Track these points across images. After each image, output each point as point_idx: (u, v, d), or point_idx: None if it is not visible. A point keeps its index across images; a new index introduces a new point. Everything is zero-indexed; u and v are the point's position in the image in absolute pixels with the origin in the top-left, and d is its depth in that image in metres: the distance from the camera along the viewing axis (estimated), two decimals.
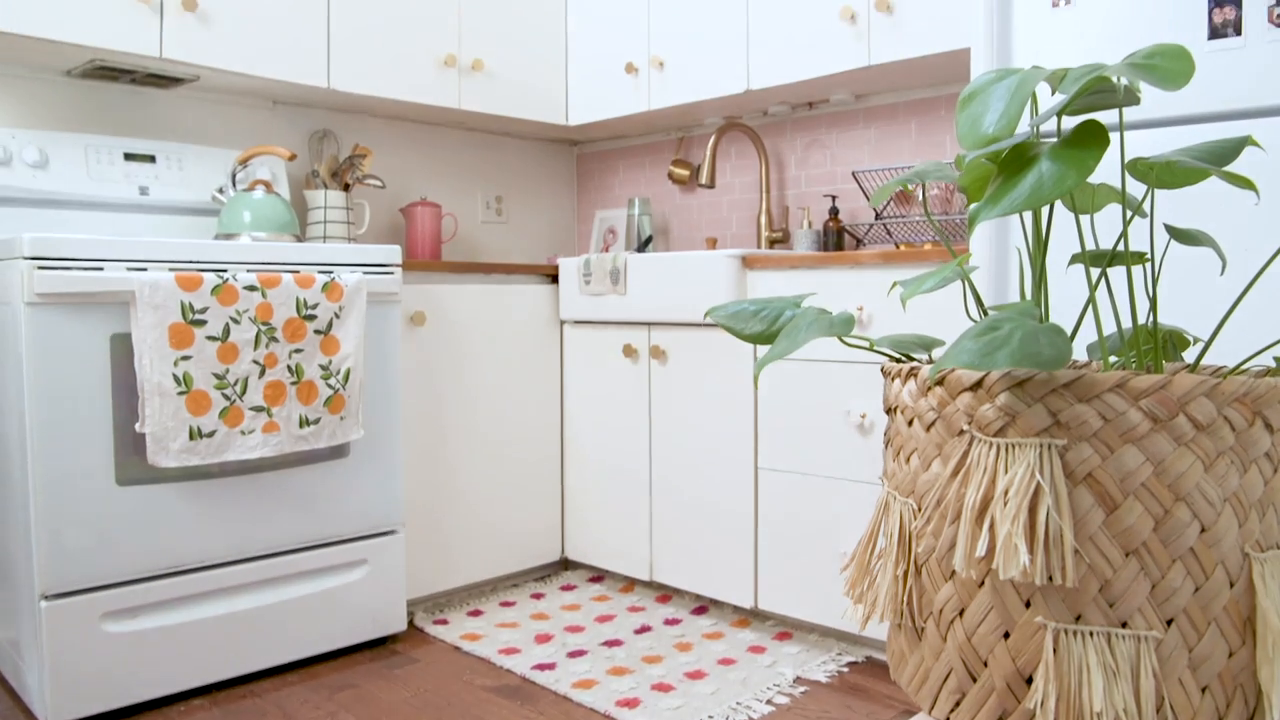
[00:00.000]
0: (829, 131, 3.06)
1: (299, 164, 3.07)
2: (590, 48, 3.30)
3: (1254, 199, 1.64)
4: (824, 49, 2.65)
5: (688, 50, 2.99)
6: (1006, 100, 0.74)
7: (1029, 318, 0.69)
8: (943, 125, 2.81)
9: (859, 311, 2.27)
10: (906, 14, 2.48)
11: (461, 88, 3.07)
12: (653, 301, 2.66)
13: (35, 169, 2.45)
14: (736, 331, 0.85)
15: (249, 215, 2.48)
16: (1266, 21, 1.63)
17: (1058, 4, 1.86)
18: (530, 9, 3.26)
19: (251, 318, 2.12)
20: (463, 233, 3.50)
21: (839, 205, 3.03)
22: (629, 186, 3.68)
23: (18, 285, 1.93)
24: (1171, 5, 1.72)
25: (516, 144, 3.68)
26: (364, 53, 2.83)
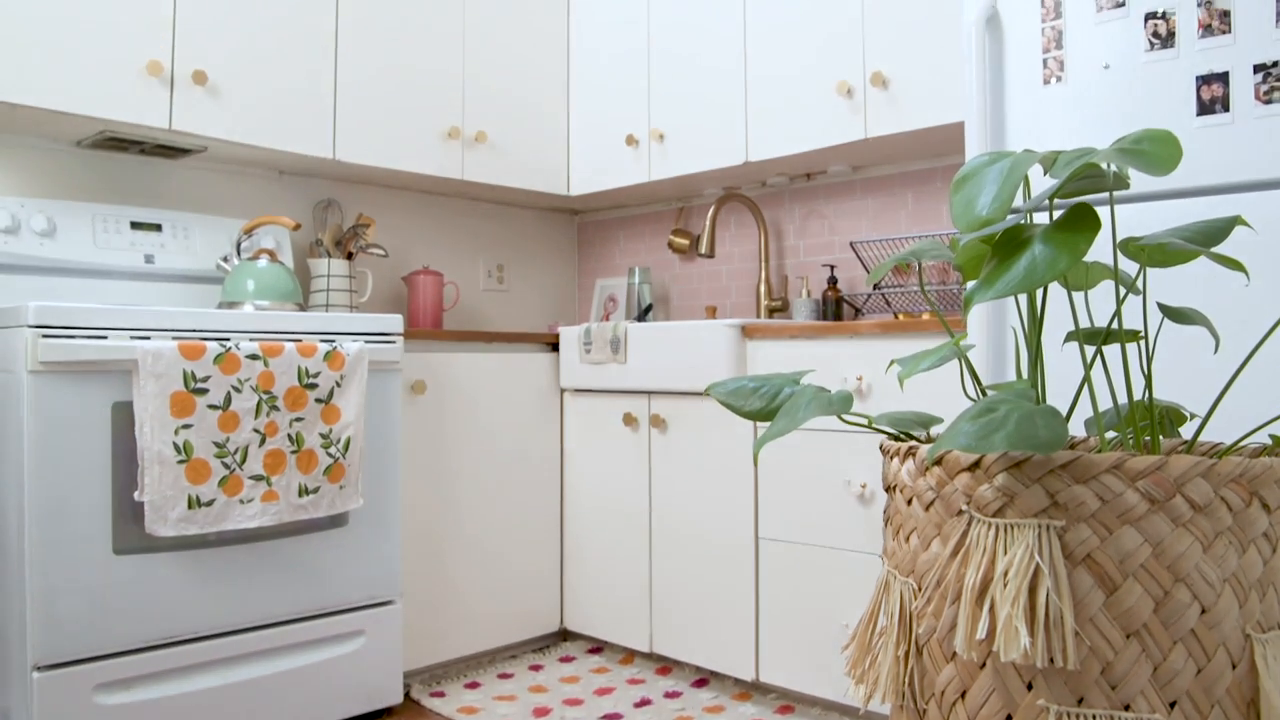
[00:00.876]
0: (827, 202, 3.11)
1: (303, 232, 3.10)
2: (592, 120, 3.36)
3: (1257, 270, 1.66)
4: (821, 122, 2.70)
5: (687, 123, 3.05)
6: (999, 183, 0.76)
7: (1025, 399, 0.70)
8: (939, 196, 2.85)
9: (858, 381, 2.28)
10: (901, 89, 2.53)
11: (465, 159, 3.12)
12: (653, 370, 2.67)
13: (43, 237, 2.48)
14: (736, 408, 0.85)
15: (252, 283, 2.51)
16: (1253, 99, 1.67)
17: (1049, 81, 1.90)
18: (533, 82, 3.33)
19: (253, 386, 2.13)
20: (464, 301, 3.53)
21: (837, 275, 3.06)
22: (629, 255, 3.72)
23: (21, 353, 1.94)
24: (1161, 82, 1.75)
25: (518, 213, 3.72)
26: (369, 124, 2.88)
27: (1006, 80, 1.95)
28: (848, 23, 2.65)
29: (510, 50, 3.27)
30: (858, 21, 2.62)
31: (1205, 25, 1.71)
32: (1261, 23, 1.65)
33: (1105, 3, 1.82)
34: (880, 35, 2.58)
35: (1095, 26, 1.83)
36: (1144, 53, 1.78)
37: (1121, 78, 1.80)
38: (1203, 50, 1.72)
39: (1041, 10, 1.90)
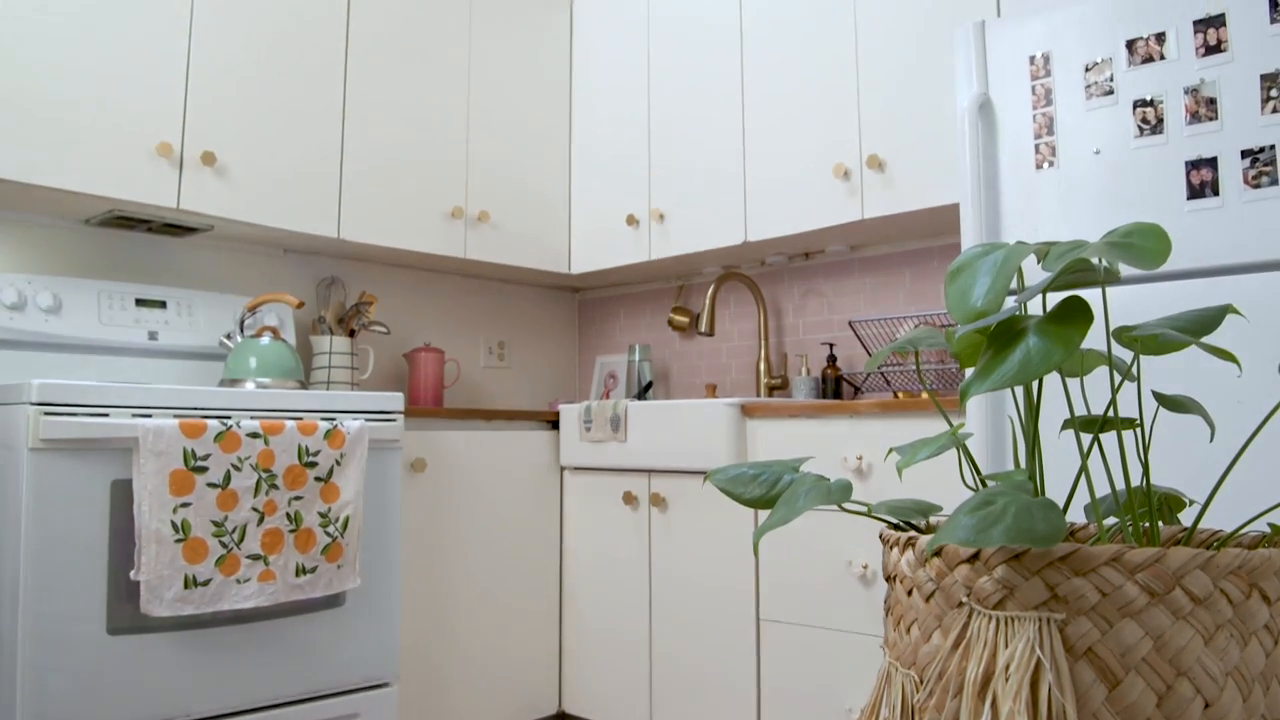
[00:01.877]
0: (825, 280, 3.14)
1: (306, 310, 3.13)
2: (593, 199, 3.41)
3: (1249, 352, 1.67)
4: (819, 203, 2.75)
5: (687, 203, 3.09)
6: (993, 275, 0.77)
7: (1023, 491, 0.70)
8: (936, 275, 2.88)
9: (859, 461, 2.27)
10: (897, 171, 2.58)
11: (467, 238, 3.17)
12: (653, 449, 2.67)
13: (48, 314, 2.50)
14: (736, 496, 0.86)
15: (255, 361, 2.52)
16: (1242, 184, 1.70)
17: (1041, 165, 1.94)
18: (535, 163, 3.39)
19: (253, 464, 2.12)
20: (465, 378, 3.54)
21: (837, 353, 3.08)
22: (630, 333, 3.74)
23: (23, 430, 1.94)
24: (1151, 167, 1.79)
25: (519, 290, 3.76)
26: (374, 204, 2.93)
27: (1000, 165, 1.99)
28: (844, 107, 2.70)
29: (513, 132, 3.33)
30: (853, 106, 2.68)
31: (1193, 112, 1.76)
32: (1248, 110, 1.69)
33: (1094, 91, 1.87)
34: (876, 119, 2.63)
35: (1085, 114, 1.88)
36: (1134, 139, 1.82)
37: (1113, 163, 1.84)
38: (1191, 137, 1.75)
39: (1032, 98, 1.95)
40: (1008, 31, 2.00)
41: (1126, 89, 1.83)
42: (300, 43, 2.80)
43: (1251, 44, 1.70)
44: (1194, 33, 1.77)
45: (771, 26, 2.91)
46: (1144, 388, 1.77)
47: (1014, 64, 1.98)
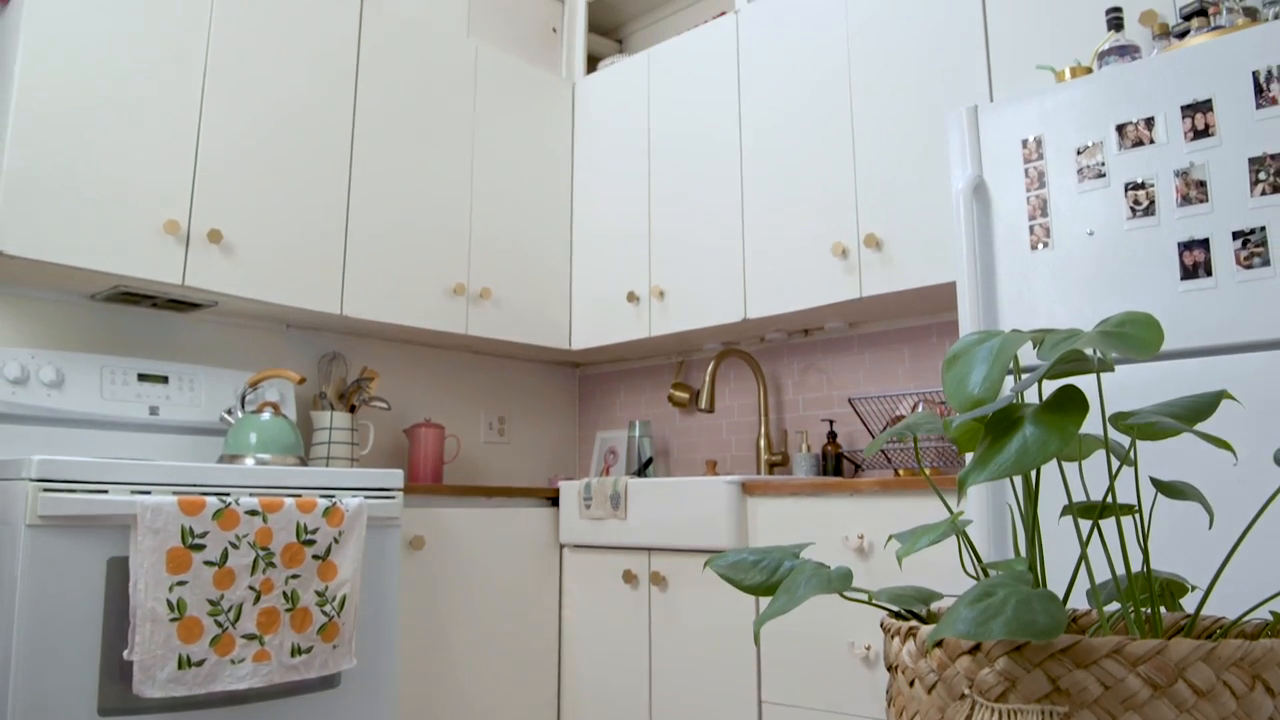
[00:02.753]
0: (825, 356, 3.15)
1: (308, 385, 3.14)
2: (594, 276, 3.45)
3: (1245, 431, 1.68)
4: (817, 281, 2.77)
5: (687, 281, 3.12)
6: (989, 363, 0.78)
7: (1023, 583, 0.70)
8: (934, 351, 2.90)
9: (860, 540, 2.26)
10: (895, 250, 2.61)
11: (469, 314, 3.19)
12: (654, 527, 2.66)
13: (51, 388, 2.51)
14: (736, 582, 0.85)
15: (255, 437, 2.52)
16: (1234, 264, 1.72)
17: (1036, 246, 1.96)
18: (537, 240, 3.43)
19: (251, 542, 2.11)
20: (465, 453, 3.54)
21: (837, 429, 3.08)
22: (630, 408, 3.75)
23: (21, 506, 1.93)
24: (1144, 248, 1.81)
25: (520, 365, 3.78)
26: (377, 281, 2.96)
27: (996, 245, 2.01)
28: (841, 186, 2.75)
29: (516, 209, 3.38)
30: (850, 185, 2.72)
31: (1183, 195, 1.79)
32: (1237, 192, 1.72)
33: (1086, 173, 1.90)
34: (873, 199, 2.67)
35: (1078, 196, 1.91)
36: (1126, 220, 1.85)
37: (1106, 244, 1.86)
38: (1182, 218, 1.78)
39: (1025, 180, 1.98)
40: (1000, 116, 2.04)
41: (1118, 172, 1.86)
42: (308, 123, 2.85)
43: (1238, 128, 1.74)
44: (1182, 117, 1.81)
45: (769, 108, 2.97)
46: (1142, 472, 1.77)
47: (1007, 147, 2.02)
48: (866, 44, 2.75)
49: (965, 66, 2.53)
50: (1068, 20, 2.37)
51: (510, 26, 3.57)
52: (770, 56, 3.00)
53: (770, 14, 3.02)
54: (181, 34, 2.61)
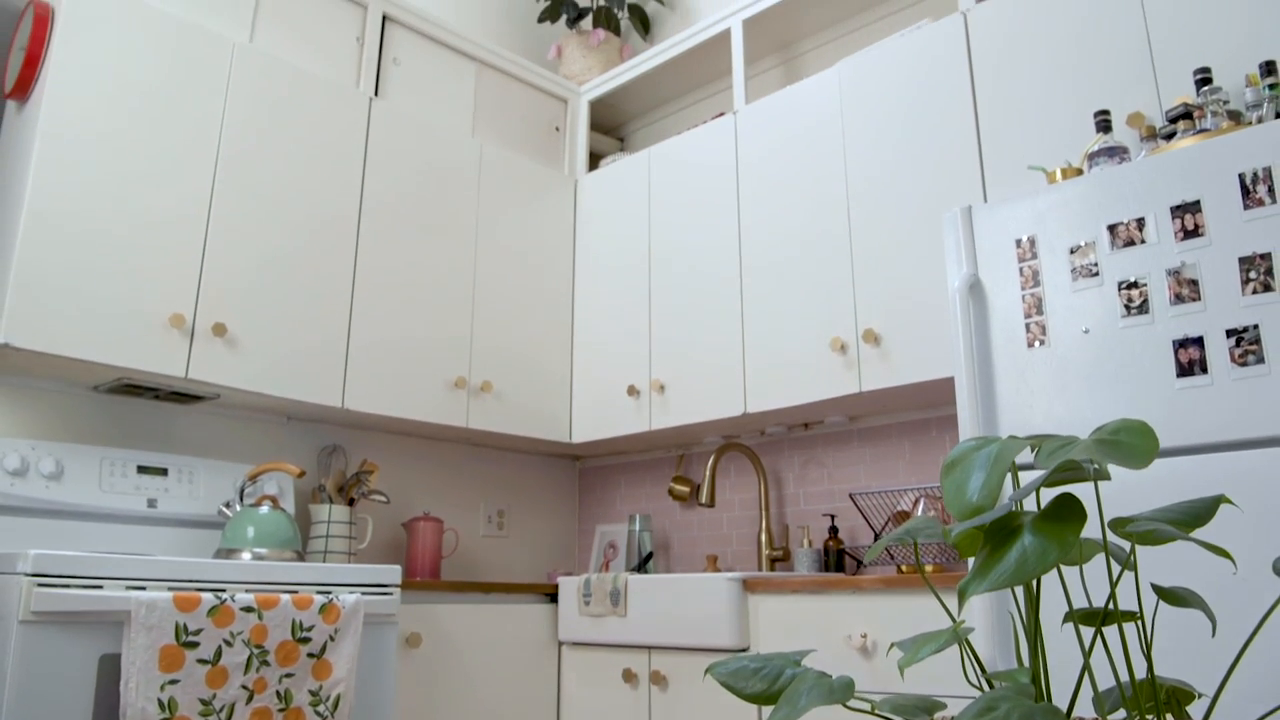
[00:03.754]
0: (825, 450, 3.15)
1: (307, 478, 3.13)
2: (594, 370, 3.47)
3: (1245, 530, 1.67)
4: (817, 376, 2.79)
5: (687, 375, 3.14)
6: (987, 470, 0.79)
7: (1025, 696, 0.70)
8: (935, 445, 2.90)
9: (862, 639, 2.23)
10: (893, 346, 2.63)
11: (470, 407, 3.20)
12: (654, 624, 2.62)
13: (50, 480, 2.51)
14: (738, 691, 0.84)
15: (253, 531, 2.51)
16: (1229, 362, 1.74)
17: (1033, 344, 1.98)
18: (539, 334, 3.46)
19: (245, 640, 2.08)
20: (464, 547, 3.51)
21: (838, 524, 3.06)
22: (630, 502, 3.73)
23: (15, 601, 1.92)
24: (1140, 346, 1.83)
25: (520, 458, 3.77)
26: (378, 374, 2.98)
27: (993, 342, 2.03)
28: (839, 283, 2.79)
29: (517, 303, 3.42)
30: (848, 282, 2.76)
31: (1176, 293, 1.81)
32: (1228, 291, 1.75)
33: (1080, 272, 1.93)
34: (871, 295, 2.71)
35: (1073, 294, 1.94)
36: (1121, 319, 1.87)
37: (1102, 342, 1.88)
38: (1176, 316, 1.80)
39: (1020, 279, 2.01)
40: (994, 216, 2.08)
41: (1111, 271, 1.89)
42: (315, 218, 2.91)
43: (1227, 229, 1.77)
44: (1172, 218, 1.84)
45: (768, 205, 3.03)
46: (1143, 575, 1.75)
47: (1001, 247, 2.06)
48: (862, 144, 2.82)
49: (959, 166, 2.59)
50: (1057, 122, 2.43)
51: (514, 126, 3.66)
52: (768, 155, 3.07)
53: (767, 115, 3.10)
54: (194, 133, 2.68)
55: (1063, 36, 2.46)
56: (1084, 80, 2.41)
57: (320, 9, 3.10)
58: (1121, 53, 2.36)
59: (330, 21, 3.12)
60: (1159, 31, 2.31)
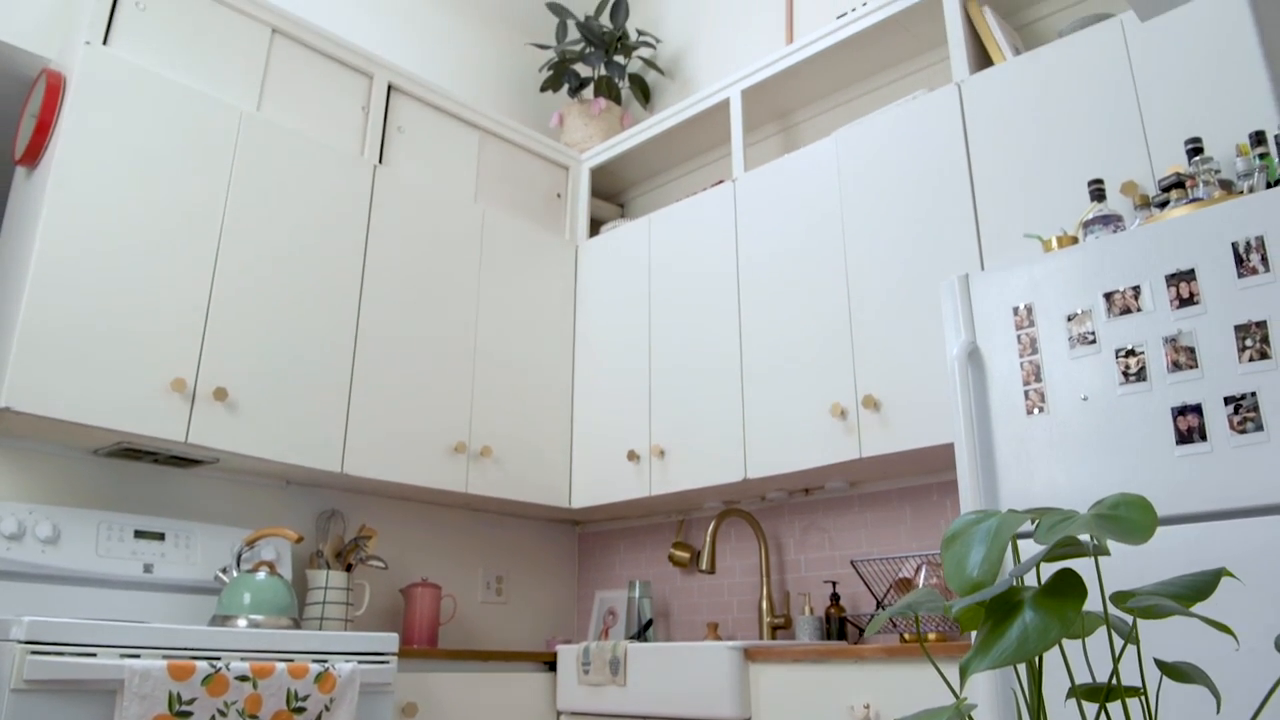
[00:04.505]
0: (826, 516, 3.14)
1: (305, 542, 3.11)
2: (594, 435, 3.46)
3: (1247, 599, 1.66)
4: (817, 441, 2.79)
5: (687, 440, 3.14)
6: (987, 545, 0.79)
7: None
8: (936, 511, 2.89)
9: (865, 710, 2.20)
10: (893, 411, 2.64)
11: (469, 472, 3.19)
12: (654, 694, 2.59)
13: (46, 544, 2.49)
14: None
15: (249, 597, 2.49)
16: (1228, 429, 1.74)
17: (1032, 411, 1.99)
18: (539, 399, 3.47)
19: (239, 710, 2.06)
20: (462, 613, 3.47)
21: (840, 591, 3.03)
22: (630, 567, 3.70)
23: (8, 669, 1.89)
24: (1138, 413, 1.83)
25: (519, 523, 3.75)
26: (378, 439, 2.97)
27: (992, 410, 2.04)
28: (839, 349, 2.80)
29: (518, 369, 3.43)
30: (848, 347, 2.77)
31: (1174, 361, 1.82)
32: (1225, 359, 1.76)
33: (1077, 340, 1.95)
34: (870, 361, 2.72)
35: (1070, 362, 1.94)
36: (1119, 386, 1.88)
37: (1101, 409, 1.88)
38: (1174, 384, 1.81)
39: (1018, 346, 2.03)
40: (991, 284, 2.10)
41: (1108, 338, 1.91)
42: (318, 283, 2.93)
43: (1222, 297, 1.78)
44: (1167, 286, 1.86)
45: (767, 273, 3.05)
46: (1146, 648, 1.73)
47: (999, 314, 2.07)
48: (860, 211, 2.86)
49: (956, 233, 2.62)
50: (1052, 190, 2.47)
51: (516, 192, 3.70)
52: (767, 223, 3.10)
53: (766, 183, 3.15)
54: (200, 199, 2.72)
55: (1056, 107, 2.51)
56: (1078, 149, 2.45)
57: (327, 79, 3.17)
58: (1114, 122, 2.40)
59: (337, 91, 3.18)
60: (1150, 102, 2.35)
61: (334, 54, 3.19)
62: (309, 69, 3.13)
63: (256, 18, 3.02)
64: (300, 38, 3.11)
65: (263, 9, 3.02)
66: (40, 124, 2.57)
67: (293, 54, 3.10)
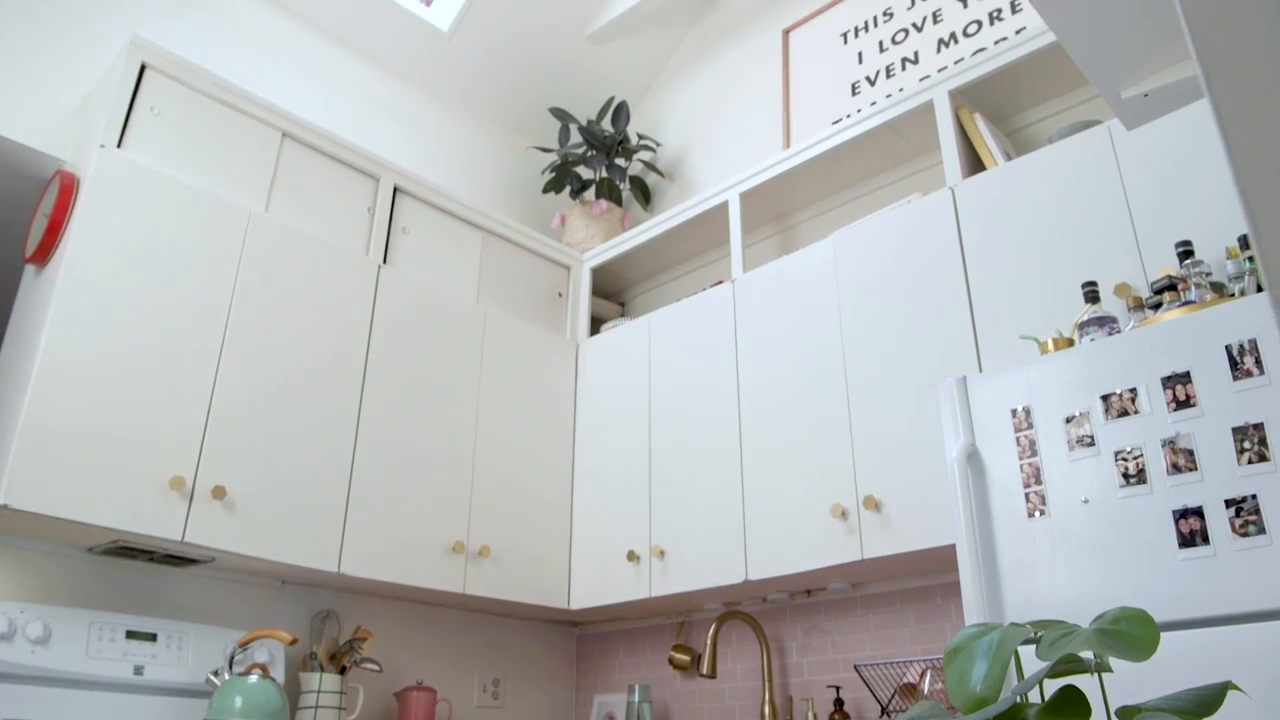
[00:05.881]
0: (828, 618, 3.09)
1: (299, 644, 3.06)
2: (594, 535, 3.44)
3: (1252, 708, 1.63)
4: (818, 542, 2.77)
5: (688, 540, 3.11)
6: (989, 660, 0.78)
7: None
8: (939, 613, 2.85)
9: None
10: (894, 512, 2.62)
11: (467, 573, 3.16)
12: None
13: (36, 645, 2.45)
14: None
15: (240, 701, 2.44)
16: (1230, 533, 1.73)
17: (1033, 514, 1.98)
18: (539, 499, 3.45)
19: None
20: (457, 718, 3.39)
21: (843, 696, 2.97)
22: (629, 670, 3.63)
23: None
24: (1140, 516, 1.82)
25: (516, 624, 3.69)
26: (376, 538, 2.95)
27: (993, 512, 2.03)
28: (839, 448, 2.80)
29: (518, 468, 3.43)
30: (848, 447, 2.77)
31: (1173, 464, 1.82)
32: (1224, 461, 1.76)
33: (1076, 442, 1.95)
34: (870, 461, 2.71)
35: (1070, 464, 1.94)
36: (1119, 488, 1.87)
37: (1102, 512, 1.88)
38: (1174, 487, 1.81)
39: (1017, 449, 2.03)
40: (989, 386, 2.12)
41: (1106, 441, 1.91)
42: (320, 382, 2.95)
43: (1218, 400, 1.79)
44: (1163, 389, 1.87)
45: (766, 372, 3.07)
46: None
47: (997, 417, 2.08)
48: (858, 312, 2.89)
49: (953, 334, 2.65)
50: (1047, 292, 2.50)
51: (518, 291, 3.75)
52: (766, 322, 3.14)
53: (765, 284, 3.19)
54: (206, 298, 2.75)
55: (1048, 210, 2.56)
56: (1071, 251, 2.49)
57: (335, 180, 3.24)
58: (1105, 225, 2.44)
59: (343, 192, 3.25)
60: (1140, 205, 2.40)
61: (342, 156, 3.27)
62: (317, 171, 3.20)
63: (268, 122, 3.10)
64: (310, 141, 3.19)
65: (275, 114, 3.11)
66: (52, 223, 2.62)
67: (302, 156, 3.17)
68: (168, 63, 2.90)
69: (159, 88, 2.88)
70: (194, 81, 2.95)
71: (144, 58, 2.85)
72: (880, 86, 3.61)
